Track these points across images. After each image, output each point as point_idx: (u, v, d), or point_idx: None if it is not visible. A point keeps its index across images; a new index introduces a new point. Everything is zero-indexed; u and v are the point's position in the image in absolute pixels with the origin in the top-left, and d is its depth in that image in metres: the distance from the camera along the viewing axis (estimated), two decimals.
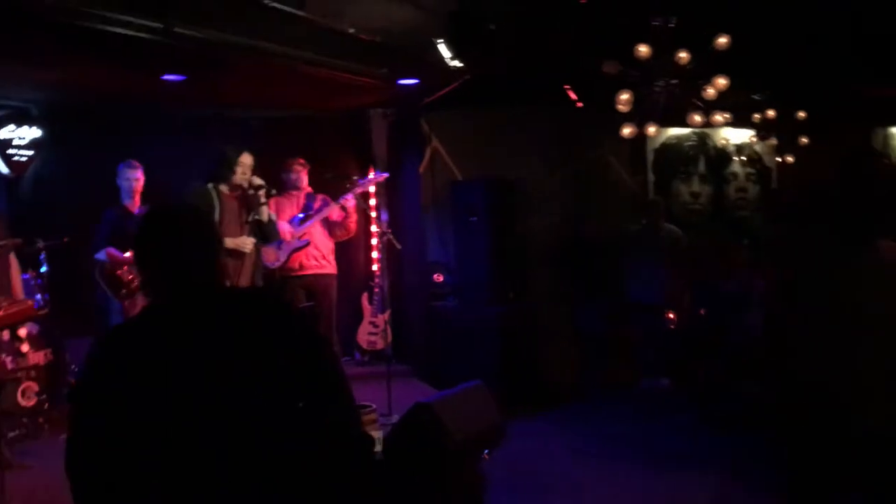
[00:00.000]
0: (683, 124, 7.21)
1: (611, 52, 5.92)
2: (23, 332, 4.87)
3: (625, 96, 5.96)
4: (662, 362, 6.94)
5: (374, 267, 7.19)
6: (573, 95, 6.98)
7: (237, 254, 4.77)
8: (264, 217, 4.99)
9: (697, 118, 6.10)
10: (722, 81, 5.80)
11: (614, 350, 7.21)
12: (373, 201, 7.15)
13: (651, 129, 6.33)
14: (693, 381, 6.59)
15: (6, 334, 4.71)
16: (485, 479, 3.80)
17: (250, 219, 4.93)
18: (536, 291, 7.03)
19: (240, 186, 4.93)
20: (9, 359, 4.73)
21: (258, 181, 4.96)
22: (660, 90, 6.00)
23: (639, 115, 6.25)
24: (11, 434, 4.74)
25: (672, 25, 5.58)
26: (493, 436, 3.92)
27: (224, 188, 4.91)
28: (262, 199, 4.96)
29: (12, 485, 3.85)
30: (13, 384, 4.81)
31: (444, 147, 7.27)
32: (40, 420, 5.08)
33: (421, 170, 7.15)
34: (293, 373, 1.76)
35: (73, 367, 5.57)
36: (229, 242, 4.62)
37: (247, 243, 4.84)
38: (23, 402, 4.91)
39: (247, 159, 4.93)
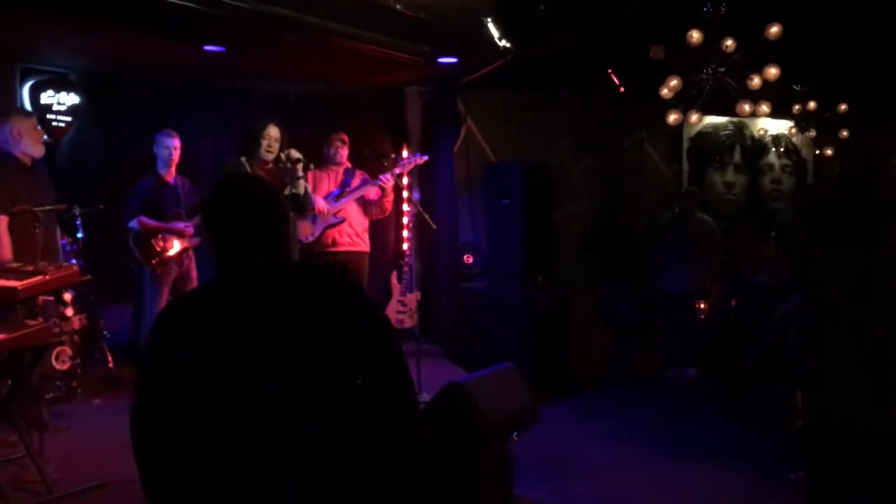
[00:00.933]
0: (721, 112, 7.10)
1: (657, 38, 5.82)
2: (67, 296, 4.91)
3: (673, 82, 5.86)
4: (689, 353, 6.90)
5: (405, 245, 7.18)
6: (616, 80, 6.88)
7: None
8: (301, 191, 4.95)
9: (746, 107, 5.97)
10: (773, 71, 5.68)
11: (643, 339, 7.19)
12: (405, 180, 7.12)
13: (694, 117, 6.23)
14: (719, 373, 6.56)
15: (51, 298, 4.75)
16: (512, 461, 3.80)
17: (287, 193, 4.89)
18: (566, 277, 6.99)
19: (270, 160, 4.87)
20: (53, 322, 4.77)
21: (296, 154, 4.89)
22: (706, 77, 5.90)
23: (683, 103, 6.17)
24: (46, 396, 4.81)
25: (722, 12, 5.47)
26: (524, 419, 3.92)
27: (255, 161, 4.86)
28: (300, 173, 4.92)
29: (48, 446, 3.91)
30: (50, 347, 4.85)
31: (478, 128, 7.20)
32: (74, 384, 5.15)
33: (455, 150, 7.10)
34: (354, 349, 1.75)
35: (105, 333, 5.63)
36: None
37: None
38: (57, 366, 4.96)
39: (273, 132, 4.84)
